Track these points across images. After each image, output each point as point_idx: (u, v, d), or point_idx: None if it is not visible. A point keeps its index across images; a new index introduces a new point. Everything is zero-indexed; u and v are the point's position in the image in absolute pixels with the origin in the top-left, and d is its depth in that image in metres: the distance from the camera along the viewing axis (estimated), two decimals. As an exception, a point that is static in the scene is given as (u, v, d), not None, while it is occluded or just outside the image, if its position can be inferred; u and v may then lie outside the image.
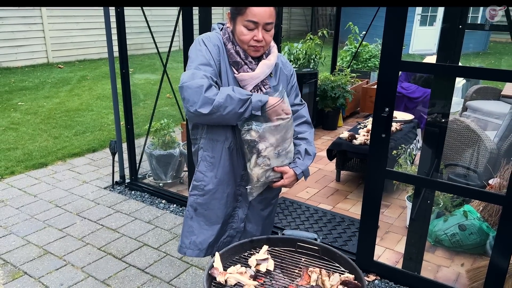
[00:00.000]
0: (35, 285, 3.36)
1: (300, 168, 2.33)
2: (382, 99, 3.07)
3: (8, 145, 6.13)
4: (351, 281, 1.87)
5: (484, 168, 4.18)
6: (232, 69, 2.24)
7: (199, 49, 2.18)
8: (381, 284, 3.45)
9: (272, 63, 2.29)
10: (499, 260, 2.90)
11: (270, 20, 2.14)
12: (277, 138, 2.19)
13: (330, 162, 5.57)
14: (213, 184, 2.36)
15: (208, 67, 2.13)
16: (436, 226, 3.90)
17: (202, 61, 2.14)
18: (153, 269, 3.59)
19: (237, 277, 1.88)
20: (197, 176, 2.38)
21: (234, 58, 2.21)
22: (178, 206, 4.60)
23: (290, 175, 2.30)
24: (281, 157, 2.26)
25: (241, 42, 2.20)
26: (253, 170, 2.24)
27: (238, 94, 2.07)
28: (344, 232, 4.12)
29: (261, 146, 2.17)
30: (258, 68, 2.24)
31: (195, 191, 2.40)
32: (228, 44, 2.23)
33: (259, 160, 2.21)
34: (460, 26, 2.96)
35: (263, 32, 2.16)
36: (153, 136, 4.97)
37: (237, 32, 2.18)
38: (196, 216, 2.43)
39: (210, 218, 2.42)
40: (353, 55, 9.08)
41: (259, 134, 2.15)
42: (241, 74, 2.22)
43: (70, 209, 4.51)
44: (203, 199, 2.39)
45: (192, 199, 2.43)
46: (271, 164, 2.24)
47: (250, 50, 2.21)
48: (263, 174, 2.26)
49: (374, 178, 3.28)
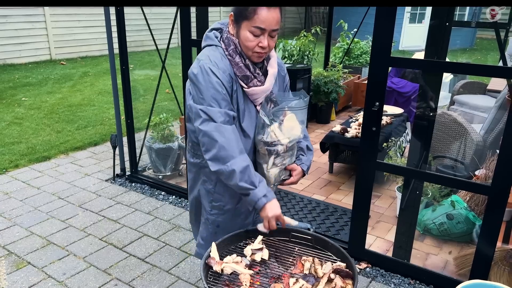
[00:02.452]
0: (39, 275, 3.35)
1: (306, 165, 2.30)
2: (373, 94, 3.06)
3: (12, 139, 6.10)
4: (343, 269, 1.87)
5: (471, 159, 4.18)
6: (239, 82, 2.08)
7: (209, 81, 1.98)
8: (372, 272, 3.45)
9: (276, 70, 2.17)
10: (485, 248, 2.90)
11: (277, 26, 1.98)
12: (294, 139, 2.17)
13: (323, 155, 5.56)
14: (232, 204, 2.28)
15: (223, 102, 1.99)
16: (424, 216, 3.90)
17: (216, 97, 1.98)
18: (153, 259, 3.58)
19: (233, 266, 1.87)
20: (215, 197, 2.28)
21: (244, 72, 2.05)
22: (177, 197, 4.59)
23: (299, 171, 2.26)
24: (293, 156, 2.25)
25: (245, 48, 2.03)
26: (270, 172, 2.19)
27: (244, 182, 1.98)
28: (336, 221, 4.12)
29: (280, 148, 2.12)
30: (267, 81, 2.11)
31: (216, 211, 2.31)
32: (235, 57, 2.05)
33: (277, 161, 2.16)
34: (447, 23, 2.95)
35: (268, 39, 2.00)
36: (153, 130, 4.95)
37: (242, 37, 2.01)
38: (220, 230, 2.34)
39: (234, 230, 2.29)
40: (345, 52, 9.06)
41: (278, 135, 2.10)
42: (252, 89, 2.08)
43: (72, 201, 4.49)
44: (223, 217, 2.32)
45: (213, 218, 2.33)
46: (286, 163, 2.21)
47: (254, 56, 2.04)
48: (279, 174, 2.23)
49: (365, 170, 3.27)
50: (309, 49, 7.42)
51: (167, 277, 3.35)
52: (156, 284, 3.27)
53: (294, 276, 1.86)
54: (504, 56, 3.19)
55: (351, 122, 5.42)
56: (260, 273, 1.93)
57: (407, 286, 3.29)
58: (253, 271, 1.91)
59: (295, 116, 2.11)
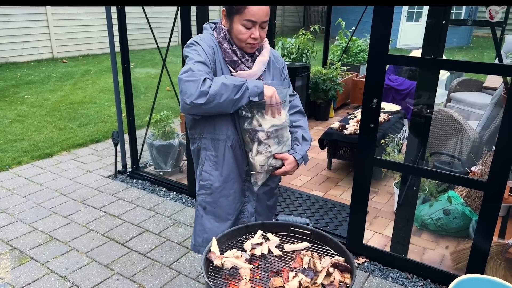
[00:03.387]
0: (42, 270, 3.35)
1: (299, 154, 2.29)
2: (371, 91, 3.05)
3: (15, 136, 6.09)
4: (341, 264, 1.87)
5: (467, 156, 4.18)
6: (228, 67, 2.19)
7: (194, 49, 2.12)
8: (370, 266, 3.46)
9: (266, 59, 2.25)
10: (481, 243, 2.91)
11: (267, 18, 2.10)
12: (276, 125, 2.16)
13: (322, 151, 5.56)
14: (220, 182, 2.31)
15: (203, 65, 2.05)
16: (422, 211, 3.90)
17: (198, 59, 2.06)
18: (154, 254, 3.58)
19: (233, 261, 1.87)
20: (203, 176, 2.33)
21: (231, 57, 2.17)
22: (178, 193, 4.59)
23: (291, 161, 2.25)
24: (281, 144, 2.23)
25: (238, 40, 2.15)
26: (255, 159, 2.21)
27: (231, 81, 2.01)
28: (335, 217, 4.13)
29: (261, 135, 2.14)
30: (254, 66, 2.20)
31: (203, 191, 2.36)
32: (224, 44, 2.18)
33: (261, 148, 2.17)
34: (444, 21, 2.95)
35: (259, 30, 2.12)
36: (154, 127, 4.94)
37: (235, 30, 2.13)
38: (206, 214, 2.39)
39: (220, 215, 2.38)
40: (343, 50, 9.05)
41: (259, 122, 2.12)
42: (239, 72, 2.17)
43: (74, 197, 4.49)
44: (211, 197, 2.35)
45: (201, 199, 2.38)
46: (272, 151, 2.20)
47: (247, 47, 2.17)
48: (265, 161, 2.22)
49: (363, 166, 3.27)
50: (308, 47, 7.41)
51: (168, 272, 3.36)
52: (157, 279, 3.27)
53: (293, 270, 1.86)
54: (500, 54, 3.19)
55: (349, 119, 5.41)
56: (260, 267, 1.93)
57: (405, 280, 3.30)
58: (253, 265, 1.91)
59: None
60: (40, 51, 11.55)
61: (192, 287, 3.20)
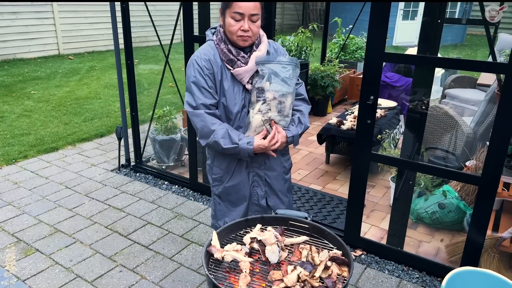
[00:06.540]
0: (46, 261, 3.33)
1: (291, 132, 2.35)
2: (368, 88, 3.03)
3: (22, 130, 6.06)
4: (339, 257, 1.85)
5: (462, 151, 4.16)
6: (226, 67, 2.26)
7: (192, 70, 2.26)
8: (367, 259, 3.44)
9: (262, 53, 2.29)
10: (475, 236, 2.89)
11: (255, 11, 2.15)
12: (281, 88, 2.22)
13: (320, 146, 5.54)
14: (229, 174, 2.46)
15: (205, 91, 2.24)
16: (417, 205, 3.88)
17: (197, 83, 2.24)
18: (156, 246, 3.56)
19: (233, 254, 1.86)
20: (215, 170, 2.50)
21: (228, 56, 2.24)
22: (180, 187, 4.56)
23: (283, 135, 2.31)
24: (280, 115, 2.27)
25: (230, 33, 2.21)
26: (254, 117, 2.26)
27: (226, 142, 2.23)
28: (333, 210, 4.10)
29: (267, 95, 2.20)
30: (250, 61, 2.26)
31: (216, 183, 2.52)
32: (221, 45, 2.26)
33: (263, 107, 2.23)
34: (439, 20, 2.92)
35: (249, 23, 2.16)
36: (156, 122, 4.92)
37: (226, 24, 2.20)
38: (223, 202, 2.55)
39: (234, 202, 2.53)
40: (341, 47, 9.01)
41: (269, 84, 2.18)
42: (236, 69, 2.25)
43: (79, 190, 4.47)
44: (223, 187, 2.50)
45: (215, 189, 2.55)
46: (271, 116, 2.25)
47: (239, 40, 2.21)
48: (261, 123, 2.26)
49: (360, 161, 3.25)
50: (307, 44, 7.37)
51: (170, 264, 3.34)
52: (160, 271, 3.25)
53: (292, 264, 1.84)
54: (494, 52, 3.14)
55: (347, 114, 5.39)
56: (259, 260, 1.91)
57: (401, 272, 3.28)
58: (252, 258, 1.90)
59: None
60: (46, 48, 11.50)
61: (193, 278, 3.18)
